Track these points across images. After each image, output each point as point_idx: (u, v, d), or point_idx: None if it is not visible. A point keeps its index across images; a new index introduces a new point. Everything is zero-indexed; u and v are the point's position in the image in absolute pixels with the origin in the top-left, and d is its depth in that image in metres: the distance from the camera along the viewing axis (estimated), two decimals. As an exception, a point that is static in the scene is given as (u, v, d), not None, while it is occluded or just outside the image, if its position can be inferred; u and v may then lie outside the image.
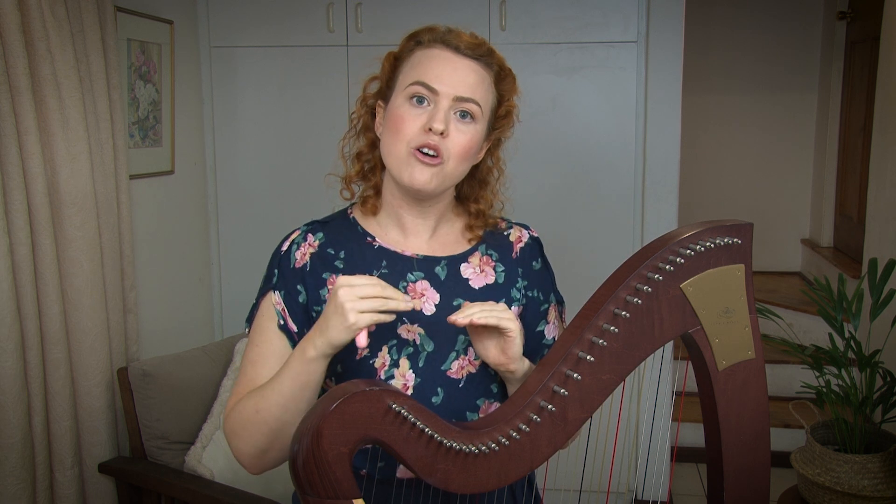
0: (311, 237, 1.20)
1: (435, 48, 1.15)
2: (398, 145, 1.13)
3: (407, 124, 1.12)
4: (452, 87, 1.13)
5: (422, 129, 1.12)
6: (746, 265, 1.04)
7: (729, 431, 1.06)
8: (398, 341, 1.15)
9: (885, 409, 2.54)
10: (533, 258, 1.29)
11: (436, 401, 1.16)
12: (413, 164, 1.12)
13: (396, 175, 1.15)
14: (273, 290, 1.17)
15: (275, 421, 1.07)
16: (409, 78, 1.14)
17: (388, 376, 1.14)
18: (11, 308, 1.95)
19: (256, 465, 1.14)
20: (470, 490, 0.96)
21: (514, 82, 1.21)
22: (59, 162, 2.04)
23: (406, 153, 1.12)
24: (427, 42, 1.16)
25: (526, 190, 2.90)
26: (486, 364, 1.16)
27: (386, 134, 1.16)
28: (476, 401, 1.19)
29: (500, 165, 1.28)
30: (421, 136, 1.12)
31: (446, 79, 1.13)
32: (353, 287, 1.01)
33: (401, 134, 1.13)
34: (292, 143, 2.98)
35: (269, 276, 1.20)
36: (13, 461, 1.98)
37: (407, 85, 1.14)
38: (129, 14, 2.45)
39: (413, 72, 1.15)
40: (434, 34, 1.17)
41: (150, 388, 2.23)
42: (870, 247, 3.38)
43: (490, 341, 1.09)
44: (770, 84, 4.63)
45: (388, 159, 1.16)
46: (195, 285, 2.99)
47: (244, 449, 1.12)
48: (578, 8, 2.80)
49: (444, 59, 1.14)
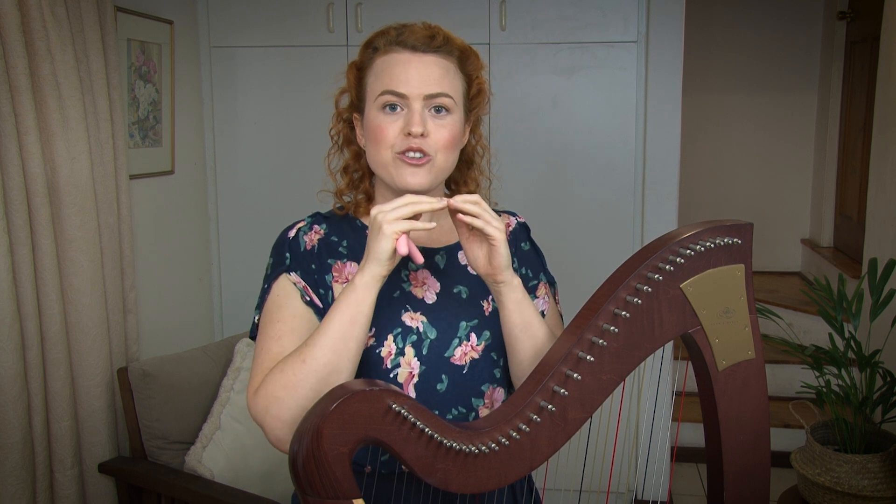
0: (315, 226, 1.22)
1: (393, 52, 1.15)
2: (383, 154, 1.15)
3: (385, 133, 1.14)
4: (419, 88, 1.13)
5: (401, 133, 1.13)
6: (746, 265, 1.04)
7: (729, 431, 1.06)
8: (402, 329, 1.16)
9: (885, 409, 2.54)
10: (522, 240, 1.33)
11: (441, 388, 1.17)
12: (402, 167, 1.14)
13: (389, 181, 1.16)
14: (288, 272, 1.17)
15: (324, 367, 1.04)
16: (376, 88, 1.15)
17: (394, 364, 1.15)
18: (11, 308, 1.95)
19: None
20: (470, 490, 0.96)
21: (478, 58, 1.22)
22: (59, 162, 2.04)
23: (392, 159, 1.14)
24: (384, 47, 1.17)
25: (526, 189, 2.90)
26: (489, 349, 1.19)
27: (369, 145, 1.18)
28: (481, 386, 1.20)
29: (483, 142, 1.30)
30: (403, 142, 1.13)
31: (412, 81, 1.13)
32: (384, 210, 1.04)
33: (382, 143, 1.14)
34: (292, 143, 2.98)
35: (278, 261, 1.19)
36: (13, 461, 1.98)
37: (376, 96, 1.15)
38: (129, 14, 2.45)
39: (378, 81, 1.15)
40: (388, 37, 1.17)
41: (150, 388, 2.23)
42: (870, 247, 3.38)
43: (480, 251, 1.12)
44: (770, 84, 4.63)
45: (377, 169, 1.18)
46: (195, 285, 2.99)
47: (286, 415, 1.04)
48: (578, 8, 2.80)
49: (404, 62, 1.15)
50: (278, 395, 1.05)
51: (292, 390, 1.04)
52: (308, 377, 1.04)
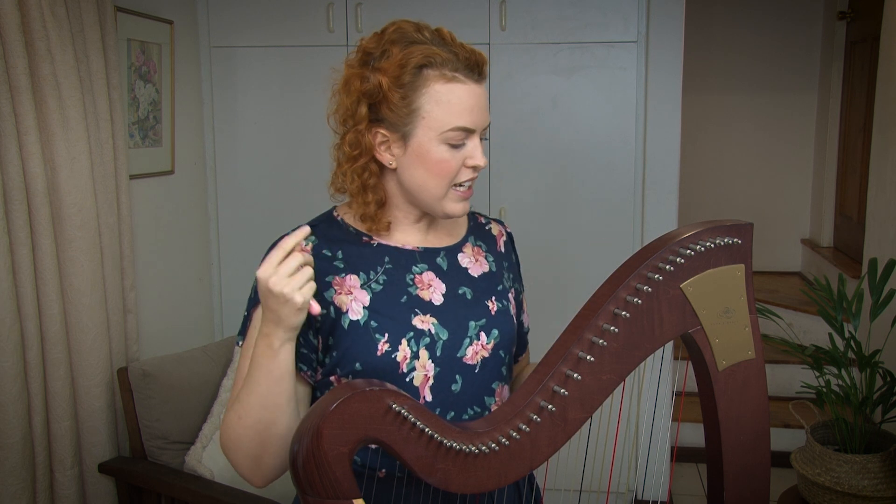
0: (302, 243, 1.18)
1: (457, 82, 1.10)
2: (440, 187, 1.14)
3: (451, 166, 1.12)
4: (484, 121, 1.14)
5: (462, 166, 1.13)
6: (746, 265, 1.04)
7: (729, 431, 1.06)
8: (415, 333, 1.15)
9: (885, 409, 2.54)
10: (512, 252, 1.35)
11: (455, 388, 1.17)
12: (456, 199, 1.15)
13: (432, 209, 1.17)
14: None
15: (257, 422, 1.06)
16: (444, 120, 1.10)
17: (409, 369, 1.14)
18: (11, 308, 1.95)
19: (257, 476, 1.12)
20: (470, 490, 0.96)
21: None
22: (59, 162, 2.04)
23: (447, 191, 1.14)
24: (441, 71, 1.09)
25: (526, 189, 2.90)
26: (497, 347, 1.20)
27: (420, 173, 1.13)
28: (492, 384, 1.21)
29: None
30: (463, 174, 1.14)
31: (478, 115, 1.12)
32: (277, 273, 1.00)
33: (446, 177, 1.13)
34: (292, 143, 2.98)
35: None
36: (13, 461, 1.98)
37: (443, 129, 1.10)
38: (129, 14, 2.45)
39: (444, 113, 1.09)
40: (442, 58, 1.09)
41: (150, 388, 2.23)
42: (870, 247, 3.38)
43: None
44: (770, 84, 4.63)
45: (424, 197, 1.15)
46: (195, 285, 2.99)
47: (240, 461, 1.11)
48: (578, 8, 2.80)
49: (471, 93, 1.11)
50: (229, 447, 1.12)
51: (238, 442, 1.09)
52: (247, 432, 1.08)
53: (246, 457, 1.10)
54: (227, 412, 1.13)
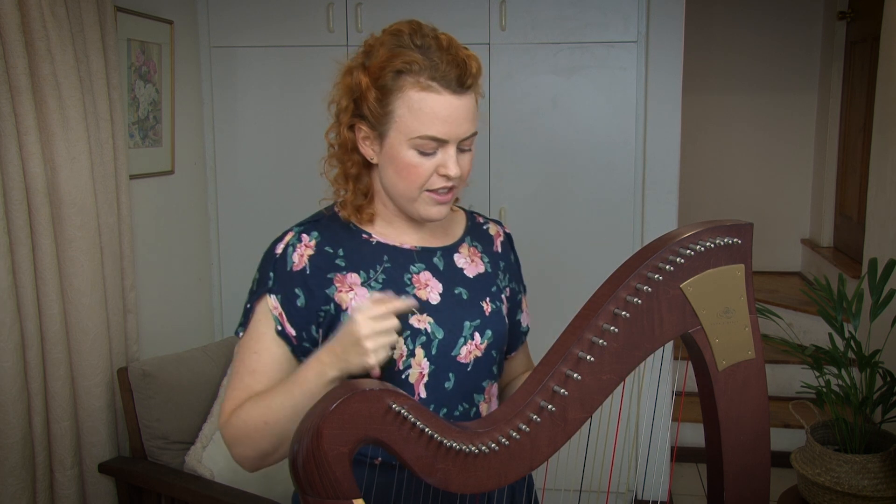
0: (305, 238, 1.19)
1: (431, 92, 1.09)
2: (410, 190, 1.14)
3: (419, 172, 1.13)
4: (458, 132, 1.12)
5: (433, 173, 1.13)
6: (746, 265, 1.04)
7: (729, 431, 1.06)
8: (412, 331, 1.17)
9: (885, 409, 2.54)
10: (510, 252, 1.36)
11: (448, 386, 1.19)
12: (430, 203, 1.16)
13: (409, 211, 1.18)
14: (269, 294, 1.17)
15: (286, 431, 1.08)
16: (413, 127, 1.10)
17: (405, 366, 1.17)
18: (11, 308, 1.95)
19: (257, 466, 1.16)
20: (470, 490, 0.96)
21: (481, 69, 1.17)
22: (59, 162, 2.04)
23: (419, 194, 1.15)
24: (416, 80, 1.09)
25: (526, 189, 2.90)
26: (490, 347, 1.22)
27: (391, 173, 1.15)
28: (482, 383, 1.23)
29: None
30: (435, 181, 1.14)
31: (452, 126, 1.11)
32: (371, 326, 1.02)
33: (414, 182, 1.13)
34: (292, 143, 2.98)
35: (262, 279, 1.19)
36: (13, 461, 1.98)
37: (412, 136, 1.10)
38: (129, 14, 2.45)
39: (416, 121, 1.10)
40: (420, 66, 1.09)
41: (150, 388, 2.23)
42: (870, 247, 3.38)
43: None
44: (770, 84, 4.63)
45: (397, 197, 1.17)
46: (195, 285, 2.99)
47: (248, 454, 1.14)
48: (578, 8, 2.80)
49: (445, 107, 1.09)
50: (241, 440, 1.13)
51: (255, 441, 1.11)
52: (270, 437, 1.10)
53: (257, 451, 1.13)
54: (243, 408, 1.13)
